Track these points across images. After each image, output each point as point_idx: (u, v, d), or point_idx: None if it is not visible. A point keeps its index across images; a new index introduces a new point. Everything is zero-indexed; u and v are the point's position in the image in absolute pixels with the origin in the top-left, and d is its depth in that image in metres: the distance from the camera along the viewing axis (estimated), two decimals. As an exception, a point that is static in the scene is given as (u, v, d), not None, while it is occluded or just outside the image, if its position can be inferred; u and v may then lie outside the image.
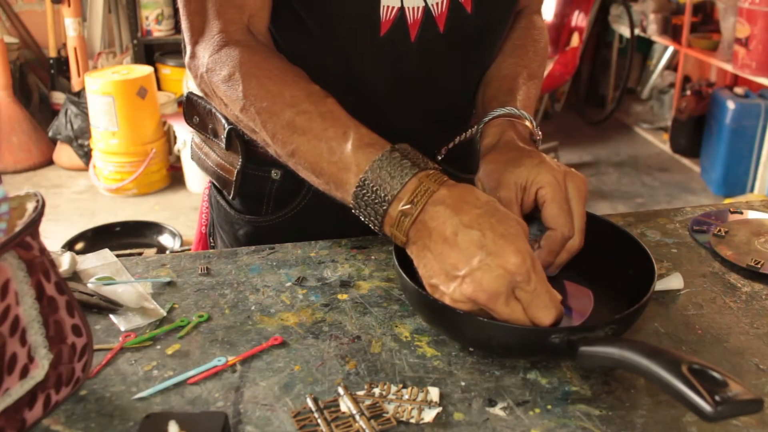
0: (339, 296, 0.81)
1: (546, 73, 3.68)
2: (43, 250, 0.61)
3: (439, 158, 1.02)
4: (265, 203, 0.98)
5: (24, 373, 0.59)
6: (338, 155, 0.72)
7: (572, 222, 0.76)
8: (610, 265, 0.80)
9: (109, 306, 0.78)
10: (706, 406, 0.52)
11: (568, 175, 0.77)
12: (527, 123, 0.86)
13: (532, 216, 0.79)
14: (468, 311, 0.65)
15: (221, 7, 0.82)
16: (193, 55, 0.85)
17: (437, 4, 0.86)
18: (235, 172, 0.97)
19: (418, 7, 0.86)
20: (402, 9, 0.85)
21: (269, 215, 0.99)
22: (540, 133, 0.88)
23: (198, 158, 1.06)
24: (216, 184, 1.03)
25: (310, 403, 0.63)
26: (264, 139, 0.79)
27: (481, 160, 0.83)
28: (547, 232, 0.76)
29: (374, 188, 0.69)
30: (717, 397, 0.52)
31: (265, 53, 0.82)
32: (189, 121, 1.04)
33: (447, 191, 0.67)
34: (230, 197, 1.00)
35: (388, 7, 0.84)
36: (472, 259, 0.63)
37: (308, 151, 0.74)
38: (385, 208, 0.68)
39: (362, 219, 0.71)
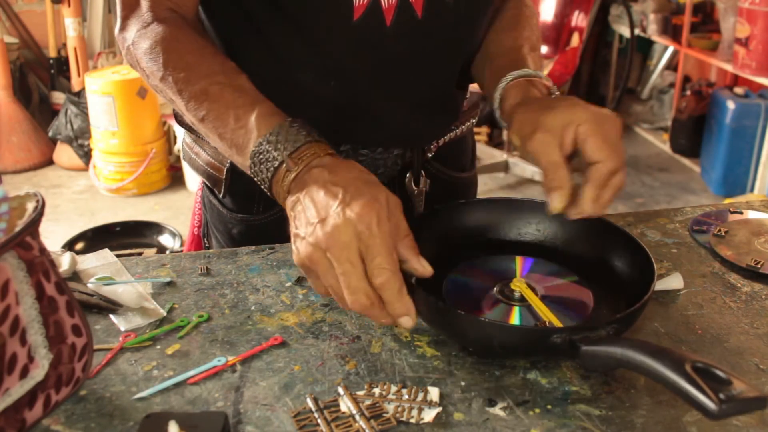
0: (339, 296, 0.81)
1: (546, 73, 3.68)
2: (43, 250, 0.61)
3: (430, 156, 1.02)
4: (256, 201, 0.98)
5: (24, 373, 0.59)
6: (243, 121, 0.76)
7: (616, 155, 0.75)
8: (610, 265, 0.79)
9: (109, 306, 0.78)
10: (711, 405, 0.52)
11: (604, 114, 0.77)
12: (545, 81, 0.87)
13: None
14: (444, 307, 0.67)
15: None
16: (122, 28, 0.88)
17: None
18: (225, 170, 0.98)
19: None
20: None
21: (261, 213, 0.99)
22: (557, 92, 0.88)
23: (189, 158, 1.06)
24: (207, 183, 1.04)
25: (310, 403, 0.63)
26: (179, 108, 0.82)
27: (513, 115, 0.82)
28: (593, 166, 0.74)
29: (269, 149, 0.73)
30: (721, 395, 0.52)
31: (187, 30, 0.85)
32: (179, 120, 1.04)
33: (330, 158, 0.72)
34: (221, 196, 1.01)
35: None
36: (328, 208, 0.67)
37: (217, 117, 0.78)
38: (275, 165, 0.73)
39: (255, 179, 0.75)
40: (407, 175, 1.01)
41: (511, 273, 0.81)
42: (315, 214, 0.68)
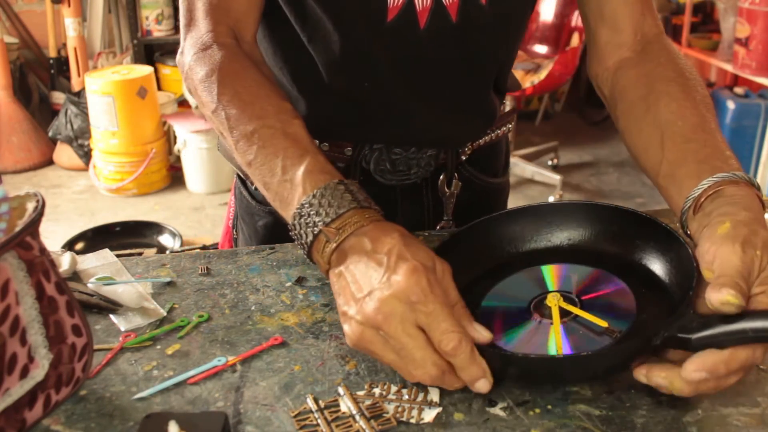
0: (339, 296, 0.81)
1: (546, 73, 3.68)
2: (43, 250, 0.61)
3: (464, 158, 1.02)
4: None
5: (24, 373, 0.59)
6: (290, 175, 0.72)
7: None
8: (638, 257, 0.75)
9: (109, 306, 0.78)
10: None
11: None
12: (758, 193, 0.72)
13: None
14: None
15: (209, 7, 0.84)
16: (182, 51, 0.86)
17: None
18: None
19: None
20: None
21: None
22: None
23: (224, 149, 1.06)
24: (240, 174, 1.04)
25: (310, 403, 0.63)
26: (230, 145, 0.79)
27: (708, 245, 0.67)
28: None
29: (311, 212, 0.69)
30: None
31: (245, 62, 0.82)
32: (225, 153, 1.05)
33: (374, 226, 0.68)
34: (253, 187, 1.01)
35: None
36: (373, 280, 0.64)
37: (264, 164, 0.74)
38: (315, 232, 0.69)
39: (295, 241, 0.72)
40: (440, 177, 1.00)
41: (543, 286, 0.76)
42: (359, 288, 0.64)
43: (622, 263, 0.76)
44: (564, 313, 0.70)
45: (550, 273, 0.77)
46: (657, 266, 0.74)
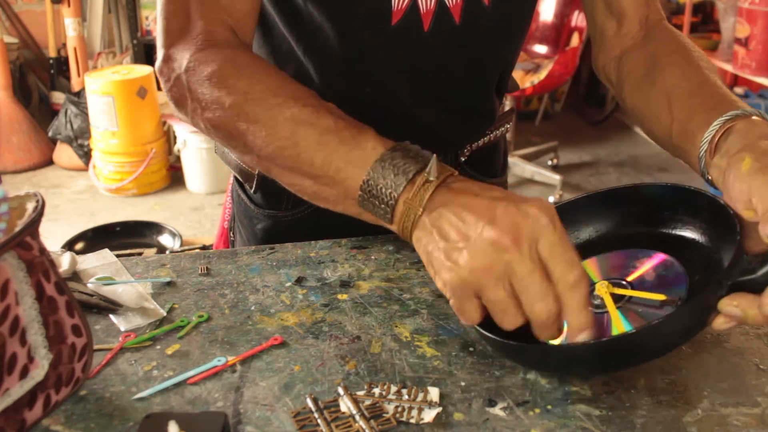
0: (339, 296, 0.81)
1: (546, 73, 3.68)
2: (43, 250, 0.61)
3: (462, 159, 1.01)
4: (285, 198, 0.98)
5: (24, 373, 0.59)
6: (354, 142, 0.68)
7: None
8: (675, 228, 0.74)
9: (109, 306, 0.78)
10: None
11: None
12: None
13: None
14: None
15: (206, 7, 0.79)
16: (167, 59, 0.79)
17: None
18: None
19: None
20: None
21: (288, 210, 0.99)
22: None
23: (222, 152, 1.05)
24: (238, 177, 1.04)
25: (310, 403, 0.63)
26: (249, 140, 0.73)
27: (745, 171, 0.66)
28: None
29: (397, 162, 0.65)
30: None
31: (252, 54, 0.79)
32: (220, 152, 1.04)
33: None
34: (252, 191, 1.01)
35: None
36: (495, 208, 0.60)
37: (314, 142, 0.69)
38: (411, 173, 0.64)
39: (369, 191, 0.66)
40: None
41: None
42: (477, 218, 0.60)
43: (655, 238, 0.74)
44: (616, 299, 0.69)
45: (588, 268, 0.75)
46: (691, 230, 0.72)
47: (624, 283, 0.71)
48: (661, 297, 0.68)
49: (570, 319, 0.60)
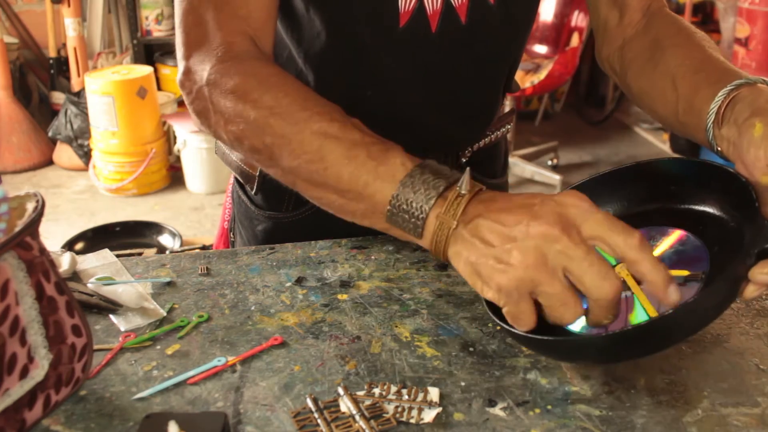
0: (339, 296, 0.81)
1: (546, 73, 3.68)
2: (43, 250, 0.61)
3: (463, 160, 1.01)
4: (286, 199, 0.98)
5: (24, 374, 0.59)
6: (382, 158, 0.67)
7: None
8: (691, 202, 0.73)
9: (109, 306, 0.78)
10: None
11: None
12: None
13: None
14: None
15: (224, 17, 0.77)
16: (188, 71, 0.78)
17: None
18: (259, 168, 0.97)
19: None
20: (420, 0, 0.84)
21: (289, 212, 0.99)
22: None
23: (222, 153, 1.05)
24: (239, 178, 1.03)
25: (310, 403, 0.63)
26: (275, 152, 0.72)
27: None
28: None
29: (426, 178, 0.65)
30: None
31: (275, 66, 0.78)
32: (226, 157, 1.03)
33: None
34: (253, 192, 1.00)
35: None
36: (533, 206, 0.60)
37: (342, 156, 0.68)
38: (441, 188, 0.64)
39: (398, 206, 0.65)
40: None
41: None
42: (518, 218, 0.60)
43: (666, 214, 0.73)
44: (638, 280, 0.67)
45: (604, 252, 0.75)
46: (703, 202, 0.71)
47: None
48: (684, 272, 0.66)
49: (651, 277, 0.59)
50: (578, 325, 0.66)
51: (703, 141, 0.76)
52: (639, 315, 0.65)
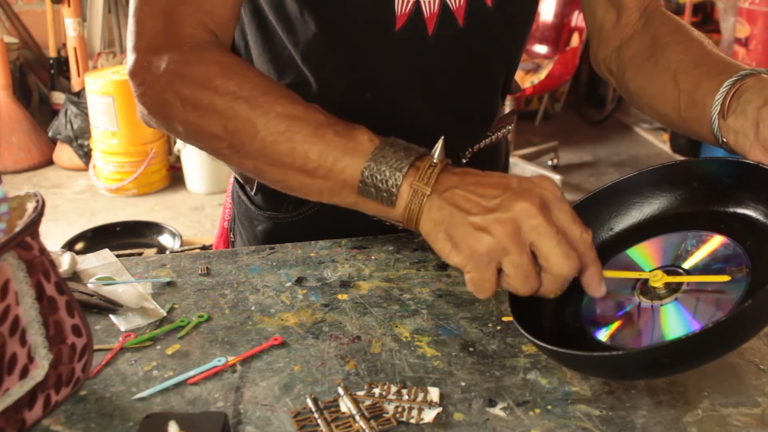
0: (339, 296, 0.81)
1: (546, 73, 3.68)
2: (43, 250, 0.61)
3: (464, 161, 1.01)
4: (286, 200, 0.98)
5: (24, 374, 0.59)
6: (349, 135, 0.69)
7: None
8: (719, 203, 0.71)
9: (109, 306, 0.78)
10: None
11: None
12: None
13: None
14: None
15: (188, 10, 0.76)
16: (142, 61, 0.76)
17: None
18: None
19: (434, 0, 0.84)
20: (417, 2, 0.84)
21: (289, 212, 0.99)
22: None
23: None
24: (239, 179, 1.03)
25: (310, 403, 0.63)
26: (238, 138, 0.72)
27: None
28: None
29: (397, 149, 0.67)
30: None
31: (236, 56, 0.78)
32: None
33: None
34: (252, 193, 1.00)
35: (402, 0, 0.83)
36: (510, 180, 0.64)
37: (309, 135, 0.69)
38: (412, 158, 0.66)
39: (370, 177, 0.67)
40: None
41: (639, 268, 0.71)
42: (497, 191, 0.63)
43: (704, 217, 0.71)
44: (673, 288, 0.66)
45: (639, 253, 0.73)
46: (742, 205, 0.69)
47: (680, 270, 0.68)
48: (724, 278, 0.64)
49: (592, 269, 0.64)
50: (604, 335, 0.66)
51: (707, 134, 0.76)
52: (671, 327, 0.64)
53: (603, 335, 0.67)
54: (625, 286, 0.69)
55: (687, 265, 0.69)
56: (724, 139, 0.75)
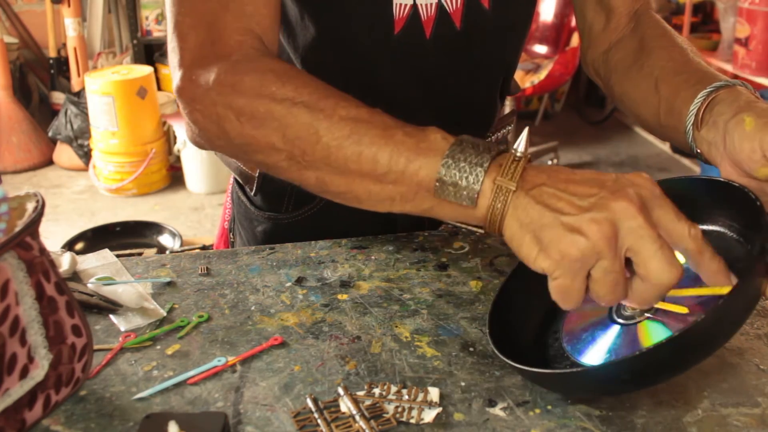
0: (339, 296, 0.81)
1: (546, 73, 3.68)
2: (43, 250, 0.61)
3: None
4: (286, 200, 0.98)
5: (24, 374, 0.59)
6: (417, 133, 0.64)
7: None
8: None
9: (109, 306, 0.78)
10: None
11: None
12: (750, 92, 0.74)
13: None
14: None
15: (231, 17, 0.73)
16: (189, 77, 0.72)
17: (451, 0, 0.85)
18: (258, 169, 0.96)
19: (431, 4, 0.84)
20: (414, 6, 0.84)
21: (289, 213, 0.99)
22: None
23: (222, 154, 1.05)
24: (239, 179, 1.03)
25: (310, 403, 0.63)
26: (298, 146, 0.67)
27: (740, 115, 0.69)
28: None
29: (475, 142, 0.62)
30: None
31: (287, 62, 0.74)
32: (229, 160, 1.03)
33: None
34: (252, 193, 1.00)
35: (400, 5, 0.83)
36: (603, 178, 0.59)
37: (377, 137, 0.65)
38: (494, 153, 0.61)
39: (449, 176, 0.61)
40: None
41: None
42: (592, 189, 0.58)
43: None
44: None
45: None
46: (717, 222, 0.70)
47: None
48: (682, 310, 0.64)
49: (710, 266, 0.59)
50: (599, 358, 0.66)
51: (684, 143, 0.76)
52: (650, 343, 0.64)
53: (585, 359, 0.67)
54: (601, 312, 0.69)
55: None
56: (698, 150, 0.75)
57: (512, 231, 0.60)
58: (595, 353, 0.67)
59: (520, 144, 0.62)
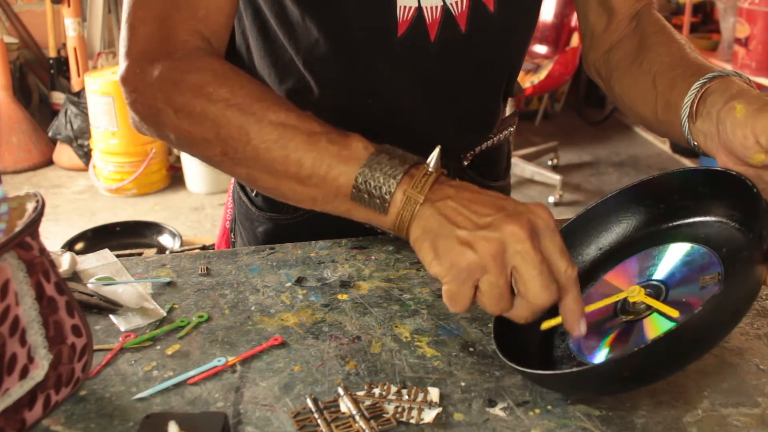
0: (339, 296, 0.81)
1: (546, 73, 3.68)
2: (43, 251, 0.61)
3: (465, 164, 1.01)
4: None
5: (24, 374, 0.59)
6: (342, 142, 0.68)
7: None
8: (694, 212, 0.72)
9: (109, 306, 0.78)
10: None
11: None
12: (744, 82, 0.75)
13: None
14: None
15: (182, 16, 0.76)
16: (134, 68, 0.75)
17: (456, 2, 0.85)
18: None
19: (437, 6, 0.84)
20: (419, 9, 0.84)
21: (290, 213, 0.99)
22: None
23: None
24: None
25: (310, 403, 0.63)
26: (231, 144, 0.71)
27: (732, 102, 0.70)
28: None
29: (393, 153, 0.67)
30: None
31: (229, 63, 0.77)
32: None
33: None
34: (253, 194, 1.00)
35: (404, 7, 0.83)
36: (502, 201, 0.63)
37: (303, 143, 0.69)
38: (407, 166, 0.66)
39: (365, 183, 0.66)
40: None
41: (618, 290, 0.71)
42: (490, 210, 0.62)
43: (674, 230, 0.73)
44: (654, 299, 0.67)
45: (617, 275, 0.74)
46: (718, 212, 0.70)
47: (655, 283, 0.69)
48: (674, 313, 0.65)
49: (574, 306, 0.63)
50: (601, 356, 0.66)
51: (681, 137, 0.77)
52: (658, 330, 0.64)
53: (592, 359, 0.67)
54: (607, 310, 0.70)
55: (662, 276, 0.70)
56: (695, 143, 0.75)
57: (415, 236, 0.65)
58: (602, 353, 0.67)
59: (433, 160, 0.67)
